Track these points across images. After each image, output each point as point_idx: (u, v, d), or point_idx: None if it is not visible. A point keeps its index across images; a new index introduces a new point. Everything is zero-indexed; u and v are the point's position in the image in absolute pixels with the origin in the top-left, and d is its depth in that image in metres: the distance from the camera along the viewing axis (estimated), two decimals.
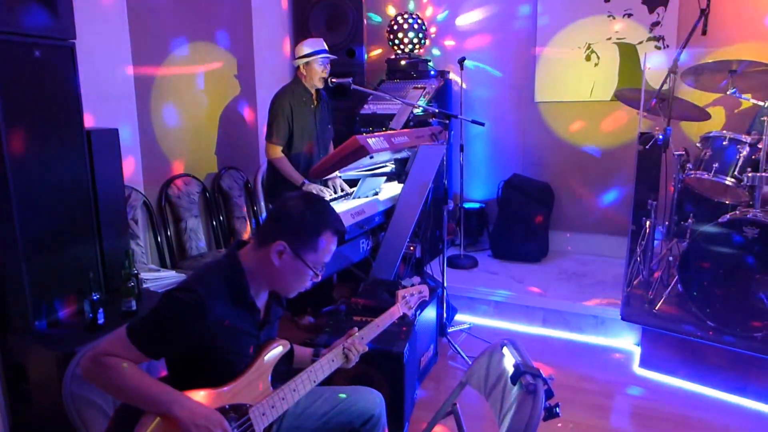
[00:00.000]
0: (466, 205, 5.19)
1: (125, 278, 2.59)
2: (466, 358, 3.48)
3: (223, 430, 1.51)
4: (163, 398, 1.49)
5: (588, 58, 4.80)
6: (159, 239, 3.68)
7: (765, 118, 3.18)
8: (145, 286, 2.94)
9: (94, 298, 2.42)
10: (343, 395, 1.97)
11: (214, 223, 4.13)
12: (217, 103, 4.31)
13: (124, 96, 3.50)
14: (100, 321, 2.44)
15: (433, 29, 5.33)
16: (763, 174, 3.19)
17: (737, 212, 3.30)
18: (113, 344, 1.53)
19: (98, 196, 2.68)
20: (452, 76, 5.14)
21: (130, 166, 3.51)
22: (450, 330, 3.78)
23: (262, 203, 4.50)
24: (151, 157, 3.72)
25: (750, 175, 3.24)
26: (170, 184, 3.82)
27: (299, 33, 4.88)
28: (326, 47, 3.69)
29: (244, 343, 1.67)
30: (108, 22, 3.36)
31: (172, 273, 3.21)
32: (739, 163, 3.31)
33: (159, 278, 3.11)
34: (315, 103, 3.74)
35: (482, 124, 3.61)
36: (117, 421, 1.64)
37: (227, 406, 1.58)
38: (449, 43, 5.33)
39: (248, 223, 4.32)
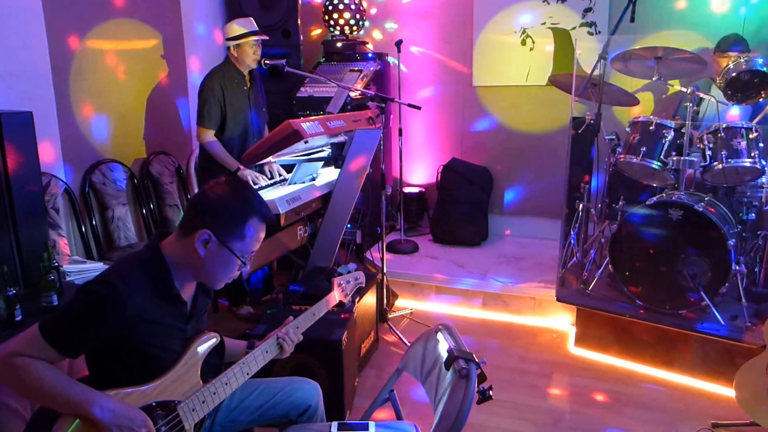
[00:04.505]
0: (406, 190, 5.19)
1: (45, 271, 2.44)
2: (407, 343, 3.49)
3: (147, 429, 1.45)
4: (81, 399, 1.41)
5: (524, 43, 4.85)
6: (83, 229, 3.50)
7: (688, 104, 3.29)
8: (68, 279, 2.79)
9: (10, 293, 2.27)
10: None
11: (144, 211, 3.96)
12: (144, 85, 4.12)
13: (39, 76, 3.28)
14: (18, 318, 2.28)
15: (373, 10, 5.26)
16: (686, 158, 3.31)
17: (663, 194, 3.42)
18: (25, 343, 1.43)
19: (11, 185, 2.51)
20: (390, 59, 5.10)
21: (48, 152, 3.30)
22: (391, 316, 3.78)
23: (196, 190, 4.36)
24: (72, 141, 3.52)
25: (675, 158, 3.36)
26: (94, 170, 3.64)
27: (231, 11, 4.72)
28: (256, 27, 3.57)
29: (170, 338, 1.60)
30: None
31: (99, 265, 3.06)
32: (665, 147, 3.42)
33: (84, 270, 2.95)
34: (248, 84, 3.62)
35: (418, 108, 3.59)
36: (34, 424, 1.54)
37: (154, 404, 1.52)
38: (389, 25, 5.28)
39: (180, 211, 4.17)
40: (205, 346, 1.67)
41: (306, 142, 2.89)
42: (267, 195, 2.95)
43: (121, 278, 1.48)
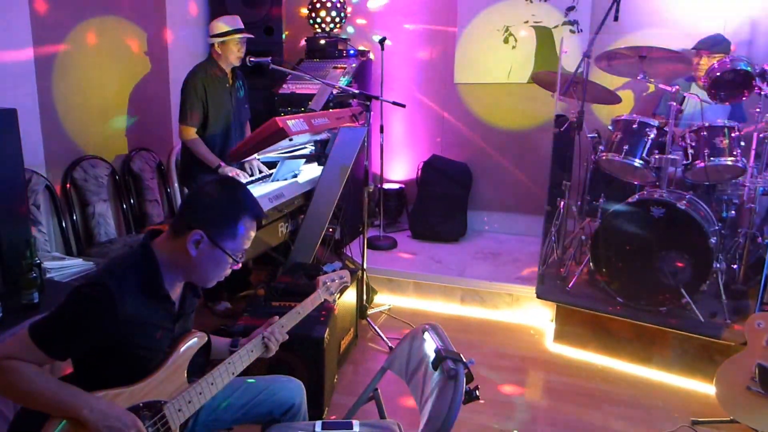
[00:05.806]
0: (386, 186, 5.19)
1: (26, 268, 2.40)
2: (386, 339, 3.49)
3: (137, 430, 1.44)
4: (70, 401, 1.40)
5: (506, 41, 4.87)
6: (64, 225, 3.44)
7: (673, 103, 3.32)
8: (49, 276, 2.75)
9: None
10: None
11: (125, 207, 3.91)
12: (127, 81, 4.08)
13: (23, 74, 3.23)
14: None
15: (349, 8, 5.23)
16: (669, 156, 3.35)
17: (645, 192, 3.46)
18: (13, 346, 1.42)
19: None
20: (372, 55, 5.09)
21: (31, 148, 3.23)
22: (370, 312, 3.78)
23: (176, 186, 4.32)
24: (54, 138, 3.47)
25: (657, 157, 3.39)
26: (76, 166, 3.58)
27: (215, 8, 4.67)
28: (242, 25, 3.54)
29: (158, 338, 1.58)
30: None
31: (79, 261, 3.03)
32: (647, 145, 3.44)
33: (64, 267, 2.92)
34: (231, 82, 3.59)
35: (403, 106, 3.59)
36: (17, 425, 1.52)
37: (141, 404, 1.51)
38: (371, 22, 5.25)
39: (161, 206, 4.13)
40: (192, 346, 1.67)
41: (291, 140, 2.89)
42: None
43: (113, 280, 1.47)
